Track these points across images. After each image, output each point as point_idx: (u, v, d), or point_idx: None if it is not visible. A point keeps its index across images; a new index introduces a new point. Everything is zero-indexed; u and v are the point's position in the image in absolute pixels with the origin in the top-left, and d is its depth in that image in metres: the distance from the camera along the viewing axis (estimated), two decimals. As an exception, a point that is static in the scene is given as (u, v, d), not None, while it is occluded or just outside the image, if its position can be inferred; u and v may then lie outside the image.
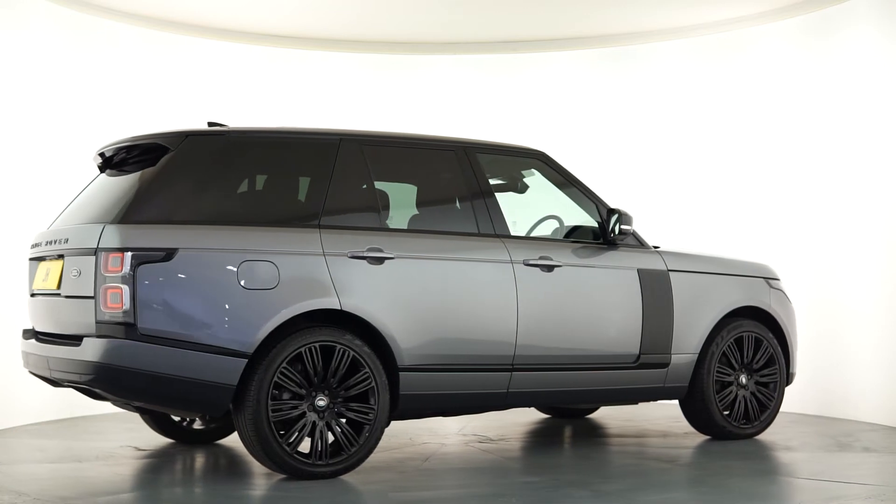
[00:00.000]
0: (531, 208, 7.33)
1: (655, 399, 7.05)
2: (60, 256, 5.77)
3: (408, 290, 5.95)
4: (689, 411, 7.20)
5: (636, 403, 7.12)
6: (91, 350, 5.36)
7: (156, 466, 6.34)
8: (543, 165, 6.92)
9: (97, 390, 5.60)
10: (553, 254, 6.52)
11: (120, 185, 5.86)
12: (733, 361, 7.15)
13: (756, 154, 9.60)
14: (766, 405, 7.26)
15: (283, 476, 5.75)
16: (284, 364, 5.55)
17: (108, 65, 9.30)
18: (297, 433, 5.61)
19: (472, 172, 6.45)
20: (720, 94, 9.84)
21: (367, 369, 5.77)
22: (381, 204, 6.12)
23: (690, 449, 6.92)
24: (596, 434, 7.66)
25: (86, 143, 8.86)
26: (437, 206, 6.52)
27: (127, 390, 5.48)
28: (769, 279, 7.46)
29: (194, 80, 9.92)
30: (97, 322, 5.36)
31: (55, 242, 5.88)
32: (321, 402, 5.65)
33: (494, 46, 10.45)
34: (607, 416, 8.61)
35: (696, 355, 6.98)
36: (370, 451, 5.84)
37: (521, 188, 7.13)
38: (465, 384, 6.17)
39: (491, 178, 6.87)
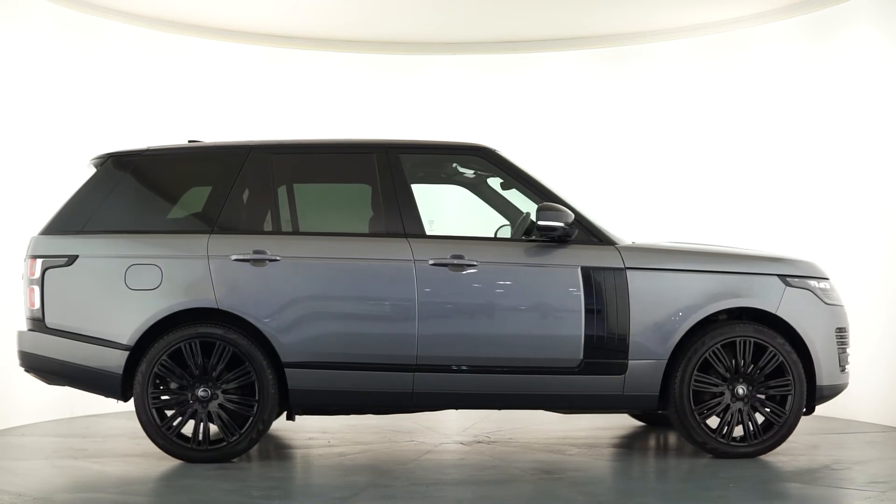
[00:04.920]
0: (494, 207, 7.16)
1: (615, 408, 6.55)
2: None
3: (291, 290, 6.29)
4: (675, 424, 6.52)
5: (594, 412, 6.67)
6: (20, 340, 6.47)
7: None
8: (486, 163, 6.71)
9: (31, 374, 6.52)
10: (473, 253, 6.35)
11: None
12: (722, 370, 6.37)
13: (756, 154, 9.59)
14: (772, 421, 6.43)
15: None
16: (164, 357, 6.22)
17: (108, 65, 9.30)
18: (178, 419, 6.25)
19: (390, 174, 6.48)
20: (720, 94, 9.84)
21: (248, 364, 6.22)
22: (280, 209, 6.50)
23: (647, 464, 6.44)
24: (628, 446, 7.20)
25: (86, 143, 8.86)
26: (347, 209, 6.73)
27: (46, 373, 6.44)
28: (788, 277, 6.54)
29: (194, 80, 9.92)
30: (26, 318, 6.46)
31: None
32: (202, 392, 6.21)
33: (494, 46, 10.45)
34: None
35: (665, 361, 6.32)
36: (253, 442, 6.28)
37: None
38: (362, 383, 6.26)
39: (438, 177, 7.03)
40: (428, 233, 6.44)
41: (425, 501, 5.25)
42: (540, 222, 6.26)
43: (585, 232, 6.42)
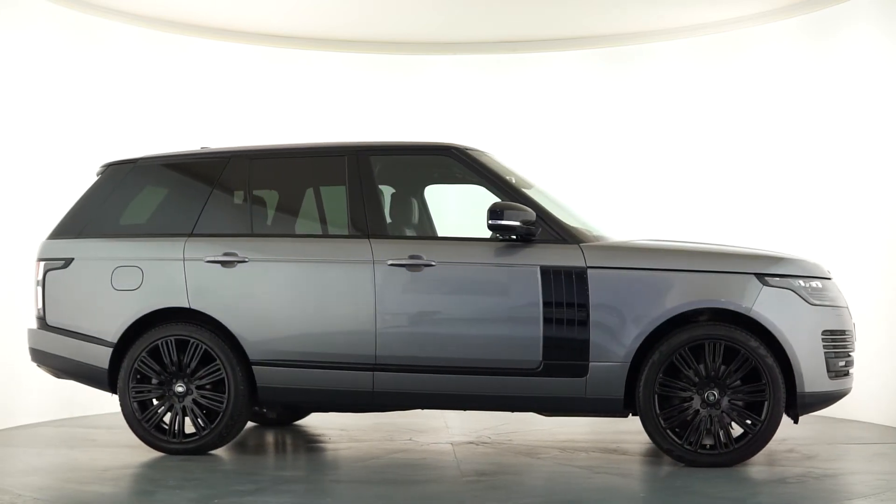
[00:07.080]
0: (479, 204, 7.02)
1: (579, 411, 6.30)
2: None
3: (256, 290, 6.52)
4: (645, 429, 6.19)
5: (556, 415, 6.47)
6: (28, 338, 6.97)
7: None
8: (454, 162, 6.66)
9: (41, 369, 7.00)
10: (432, 253, 6.35)
11: None
12: (691, 373, 6.04)
13: (756, 153, 9.59)
14: (747, 429, 6.03)
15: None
16: (143, 354, 6.58)
17: (108, 65, 9.31)
18: (155, 412, 6.60)
19: (359, 176, 6.59)
20: (720, 94, 9.84)
21: (219, 361, 6.48)
22: (255, 212, 6.80)
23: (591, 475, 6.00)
24: (634, 451, 6.89)
25: (86, 143, 8.88)
26: (317, 211, 6.94)
27: (49, 367, 6.92)
28: (767, 275, 6.10)
29: (194, 80, 9.92)
30: (35, 317, 6.94)
31: None
32: (179, 388, 6.54)
33: (494, 46, 10.45)
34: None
35: (627, 364, 6.07)
36: (224, 437, 6.54)
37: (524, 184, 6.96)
38: (324, 381, 6.42)
39: (411, 178, 7.13)
40: (392, 234, 6.60)
41: (322, 499, 5.32)
42: (490, 221, 6.16)
43: (550, 230, 6.26)
